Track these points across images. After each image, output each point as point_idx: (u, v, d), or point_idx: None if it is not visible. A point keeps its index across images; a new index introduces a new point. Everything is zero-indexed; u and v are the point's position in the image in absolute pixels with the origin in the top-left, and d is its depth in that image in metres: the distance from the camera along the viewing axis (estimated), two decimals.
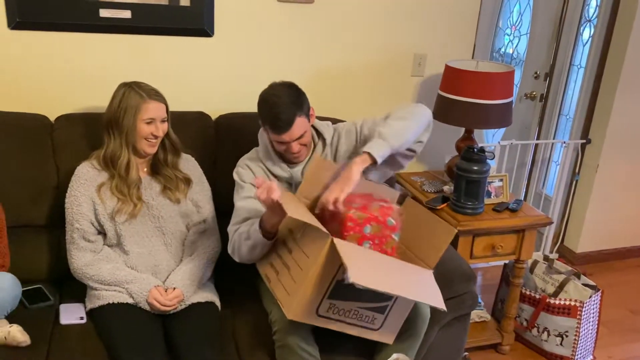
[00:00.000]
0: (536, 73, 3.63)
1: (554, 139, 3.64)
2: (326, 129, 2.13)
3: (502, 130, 3.90)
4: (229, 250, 2.02)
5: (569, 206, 3.54)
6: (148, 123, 1.97)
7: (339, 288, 1.70)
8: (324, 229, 1.66)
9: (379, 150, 1.83)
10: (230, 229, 2.03)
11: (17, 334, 1.79)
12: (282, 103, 1.92)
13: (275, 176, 2.07)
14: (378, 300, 1.77)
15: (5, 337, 1.78)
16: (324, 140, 2.11)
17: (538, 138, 3.66)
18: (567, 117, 3.66)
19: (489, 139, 4.05)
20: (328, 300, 1.71)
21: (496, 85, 2.46)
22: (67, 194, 2.03)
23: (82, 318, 1.97)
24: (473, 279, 2.17)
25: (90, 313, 1.98)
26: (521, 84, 3.77)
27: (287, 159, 2.06)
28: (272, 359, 1.92)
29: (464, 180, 2.39)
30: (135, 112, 1.95)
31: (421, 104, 2.06)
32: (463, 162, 2.40)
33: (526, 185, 3.64)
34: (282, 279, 1.79)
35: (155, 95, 2.00)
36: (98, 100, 2.30)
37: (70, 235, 2.01)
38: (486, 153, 2.40)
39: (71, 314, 1.98)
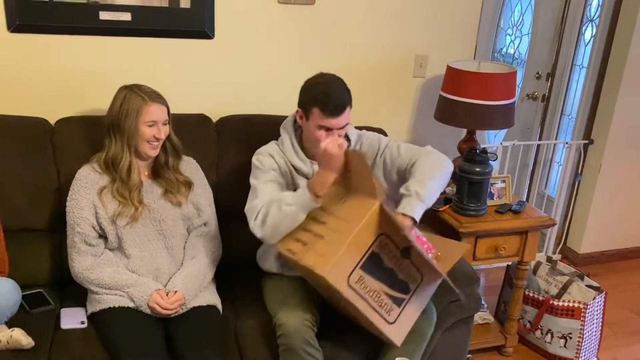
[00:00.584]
0: (538, 73, 3.62)
1: (556, 139, 3.63)
2: (351, 130, 2.15)
3: (504, 131, 3.88)
4: (257, 224, 1.91)
5: (572, 207, 3.52)
6: (150, 126, 1.96)
7: (372, 262, 1.73)
8: (374, 195, 1.72)
9: (419, 213, 1.88)
10: (256, 203, 1.94)
11: (21, 337, 1.78)
12: (337, 87, 1.96)
13: (296, 169, 2.06)
14: (399, 290, 1.80)
15: (7, 341, 1.77)
16: (348, 140, 2.12)
17: (540, 139, 3.65)
18: (570, 118, 3.64)
19: (491, 139, 4.04)
20: (360, 270, 1.72)
21: (498, 86, 2.45)
22: (68, 198, 2.02)
23: (83, 322, 1.95)
24: (476, 282, 2.15)
25: (92, 317, 1.97)
26: (523, 84, 3.76)
27: (316, 151, 1.99)
28: None
29: (467, 182, 2.38)
30: (137, 115, 1.94)
31: (446, 157, 2.07)
32: (465, 164, 2.38)
33: (528, 186, 3.63)
34: (315, 246, 1.78)
35: (157, 97, 1.99)
36: (98, 103, 2.29)
37: (72, 239, 2.00)
38: (488, 154, 2.39)
39: (72, 319, 1.97)
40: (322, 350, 1.91)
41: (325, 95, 1.92)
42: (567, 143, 3.32)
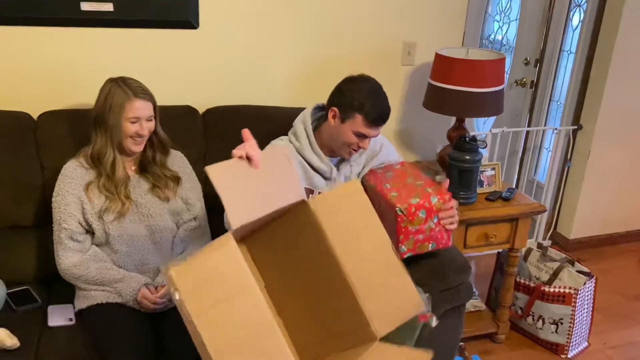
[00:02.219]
0: (526, 59, 3.61)
1: (545, 125, 3.63)
2: None
3: (493, 118, 3.88)
4: None
5: (561, 193, 3.53)
6: (133, 122, 1.92)
7: None
8: None
9: None
10: None
11: (5, 338, 1.75)
12: (383, 96, 1.95)
13: (314, 168, 2.02)
14: None
15: None
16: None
17: (529, 125, 3.64)
18: (558, 104, 3.64)
19: (480, 127, 4.03)
20: None
21: (487, 72, 2.43)
22: (54, 193, 1.98)
23: (70, 319, 1.93)
24: (468, 270, 2.15)
25: (79, 314, 1.94)
26: (511, 71, 3.74)
27: (338, 152, 2.00)
28: None
29: (456, 170, 2.37)
30: (120, 110, 1.90)
31: None
32: (455, 152, 2.37)
33: (518, 173, 3.63)
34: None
35: (142, 93, 1.93)
36: (82, 96, 2.25)
37: (58, 235, 1.96)
38: (478, 142, 2.37)
39: (60, 316, 1.94)
40: None
41: (373, 105, 1.89)
42: (556, 129, 3.31)
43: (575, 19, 3.47)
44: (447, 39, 2.80)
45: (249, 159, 1.41)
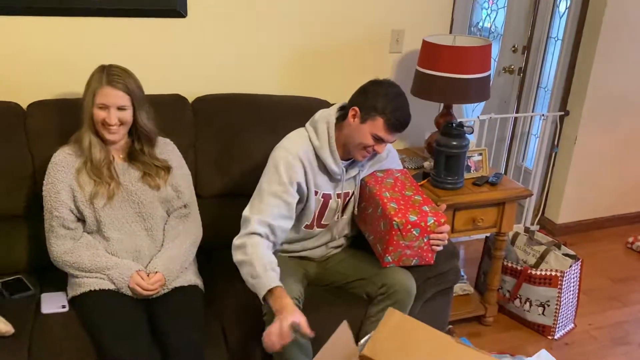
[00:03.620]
0: (514, 47, 3.63)
1: (532, 112, 3.66)
2: None
3: (482, 104, 3.91)
4: (235, 244, 1.91)
5: (549, 178, 3.57)
6: (101, 108, 1.92)
7: None
8: None
9: None
10: (252, 223, 1.87)
11: (0, 325, 1.77)
12: (406, 104, 1.95)
13: (327, 170, 2.00)
14: None
15: None
16: None
17: (517, 111, 3.68)
18: (546, 90, 3.67)
19: (469, 113, 4.06)
20: None
21: (473, 59, 2.45)
22: (44, 182, 1.99)
23: (64, 306, 1.95)
24: (456, 256, 2.19)
25: (72, 301, 1.96)
26: (499, 58, 3.77)
27: (352, 153, 1.97)
28: (258, 340, 1.93)
29: (444, 156, 2.40)
30: (93, 96, 1.91)
31: None
32: (442, 138, 2.40)
33: (506, 158, 3.67)
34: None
35: (117, 82, 1.91)
36: (71, 85, 2.26)
37: (49, 224, 1.98)
38: (465, 128, 2.40)
39: (53, 303, 1.96)
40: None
41: (397, 111, 1.88)
42: (543, 115, 3.35)
43: (562, 5, 3.50)
44: (435, 27, 2.82)
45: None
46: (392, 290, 1.96)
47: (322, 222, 2.09)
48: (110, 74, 1.92)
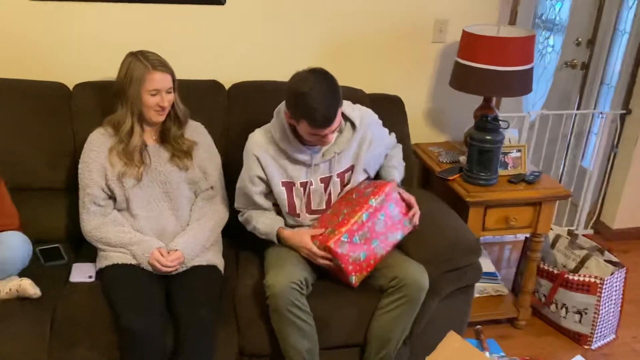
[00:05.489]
0: (578, 40, 3.44)
1: (594, 109, 3.46)
2: (352, 112, 2.09)
3: (542, 100, 3.74)
4: (242, 220, 2.19)
5: (606, 180, 3.36)
6: (153, 94, 2.00)
7: None
8: None
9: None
10: (238, 202, 2.19)
11: (28, 287, 1.91)
12: (324, 98, 1.86)
13: (293, 159, 2.05)
14: None
15: (17, 290, 1.91)
16: (352, 124, 2.09)
17: (578, 108, 3.49)
18: (609, 86, 3.45)
19: (529, 108, 3.89)
20: None
21: (515, 50, 2.35)
22: (80, 160, 2.12)
23: (90, 277, 2.06)
24: (476, 252, 2.12)
25: (99, 273, 2.07)
26: (562, 52, 3.58)
27: (311, 143, 2.02)
28: (267, 322, 1.97)
29: (477, 150, 2.32)
30: (140, 83, 1.98)
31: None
32: (476, 132, 2.33)
33: (564, 157, 3.49)
34: None
35: (160, 65, 2.01)
36: (115, 69, 2.36)
37: (82, 200, 2.10)
38: (500, 122, 2.31)
39: (81, 273, 2.08)
40: (314, 313, 1.95)
41: (312, 110, 1.85)
42: (602, 113, 3.15)
43: None
44: (481, 16, 2.71)
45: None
46: (402, 283, 1.93)
47: (312, 209, 2.11)
48: (150, 60, 2.01)
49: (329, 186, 2.10)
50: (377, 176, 2.23)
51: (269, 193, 2.11)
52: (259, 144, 2.07)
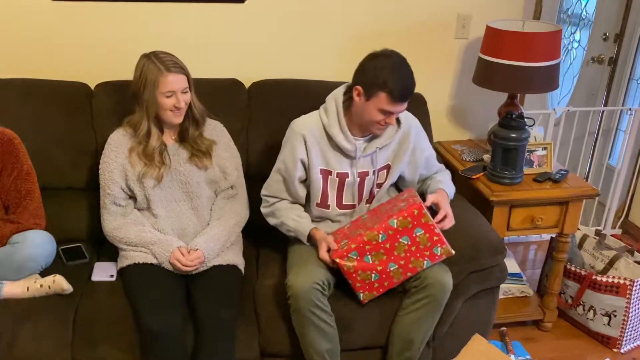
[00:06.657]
0: (605, 34, 3.35)
1: (622, 105, 3.37)
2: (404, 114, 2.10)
3: (568, 96, 3.66)
4: (265, 212, 2.17)
5: (635, 179, 3.27)
6: (168, 96, 1.98)
7: None
8: None
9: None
10: (268, 194, 2.15)
11: (62, 282, 1.94)
12: (407, 72, 1.93)
13: (337, 147, 2.02)
14: None
15: (49, 286, 1.93)
16: (397, 121, 2.06)
17: (606, 105, 3.40)
18: (638, 82, 3.36)
19: (554, 104, 3.81)
20: None
21: (540, 46, 2.29)
22: (100, 161, 2.12)
23: (112, 276, 2.07)
24: (502, 252, 2.07)
25: (120, 272, 2.07)
26: (589, 47, 3.49)
27: (368, 129, 2.00)
28: (288, 323, 1.95)
29: (501, 148, 2.27)
30: (155, 86, 1.96)
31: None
32: (500, 129, 2.28)
33: (591, 156, 3.41)
34: None
35: (174, 66, 1.98)
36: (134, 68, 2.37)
37: (103, 200, 2.11)
38: (525, 120, 2.26)
39: (103, 272, 2.09)
40: (336, 314, 1.93)
41: (396, 81, 1.86)
42: (630, 109, 3.07)
43: None
44: (505, 11, 2.66)
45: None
46: (425, 283, 1.90)
47: (343, 203, 2.08)
48: (164, 61, 1.98)
49: (364, 182, 2.07)
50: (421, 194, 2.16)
51: (304, 181, 2.09)
52: (307, 125, 2.04)
